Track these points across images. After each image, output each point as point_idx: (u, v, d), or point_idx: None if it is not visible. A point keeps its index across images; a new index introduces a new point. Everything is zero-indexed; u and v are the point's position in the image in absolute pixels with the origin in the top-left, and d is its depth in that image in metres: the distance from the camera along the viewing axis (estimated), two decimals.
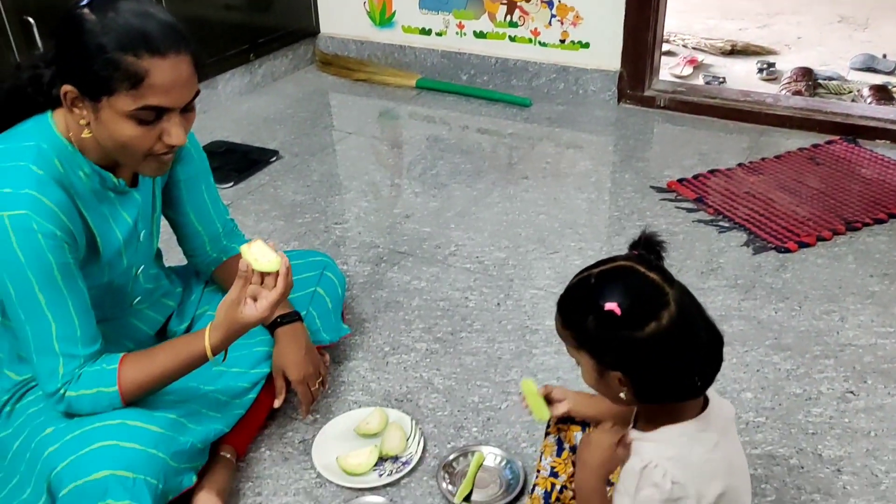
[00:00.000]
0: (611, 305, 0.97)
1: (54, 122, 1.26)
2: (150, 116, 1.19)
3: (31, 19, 2.40)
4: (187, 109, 1.24)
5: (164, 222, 1.56)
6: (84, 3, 1.17)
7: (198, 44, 1.23)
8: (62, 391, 1.25)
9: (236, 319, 1.26)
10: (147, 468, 1.23)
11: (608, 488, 1.09)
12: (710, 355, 1.03)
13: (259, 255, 1.24)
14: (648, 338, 0.97)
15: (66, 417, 1.28)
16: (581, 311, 1.01)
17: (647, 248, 1.05)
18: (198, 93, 1.24)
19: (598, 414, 1.26)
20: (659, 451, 1.02)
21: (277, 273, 1.26)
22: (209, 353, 1.29)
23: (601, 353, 1.01)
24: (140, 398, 1.31)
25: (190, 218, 1.57)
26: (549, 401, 1.30)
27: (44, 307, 1.22)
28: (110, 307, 1.43)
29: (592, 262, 1.08)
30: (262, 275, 1.26)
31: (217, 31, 3.17)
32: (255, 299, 1.26)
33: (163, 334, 1.60)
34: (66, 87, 1.19)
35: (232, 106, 3.31)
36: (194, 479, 1.34)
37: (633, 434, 1.07)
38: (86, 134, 1.23)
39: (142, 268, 1.47)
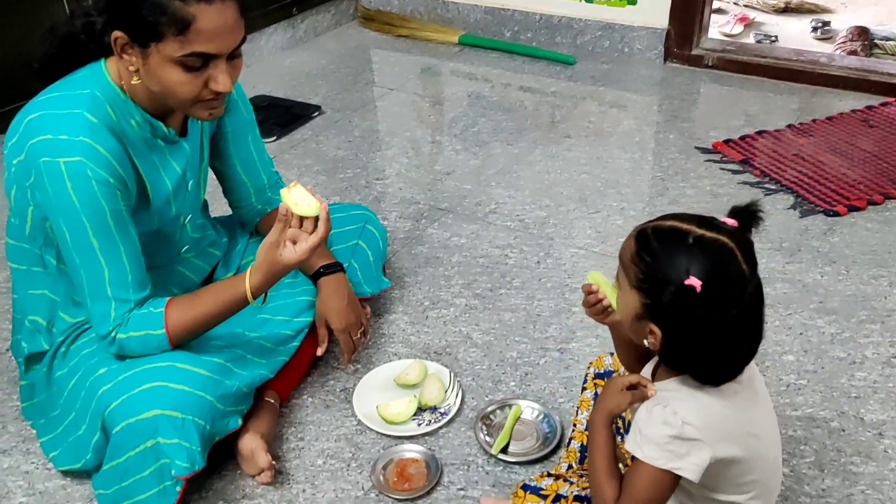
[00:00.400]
0: (695, 282, 0.93)
1: (107, 71, 1.28)
2: (197, 63, 1.20)
3: None
4: (234, 56, 1.25)
5: (210, 174, 1.59)
6: None
7: None
8: (113, 334, 1.29)
9: (275, 261, 1.28)
10: (195, 409, 1.27)
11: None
12: (746, 353, 1.01)
13: (299, 199, 1.25)
14: (707, 318, 0.95)
15: (118, 359, 1.32)
16: (662, 264, 0.97)
17: (746, 218, 1.00)
18: (244, 40, 1.25)
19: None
20: (676, 395, 1.02)
21: (317, 218, 1.27)
22: (249, 295, 1.31)
23: (656, 306, 0.98)
24: (186, 340, 1.34)
25: (236, 169, 1.59)
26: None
27: (97, 252, 1.25)
28: (159, 255, 1.46)
29: (634, 222, 1.05)
30: (301, 219, 1.27)
31: None
32: (294, 242, 1.28)
33: (209, 283, 1.63)
34: (117, 34, 1.21)
35: (275, 61, 3.31)
36: (240, 421, 1.38)
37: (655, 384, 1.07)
38: (135, 80, 1.25)
39: (189, 217, 1.50)
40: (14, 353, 1.54)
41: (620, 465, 1.13)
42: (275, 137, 2.66)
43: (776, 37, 3.50)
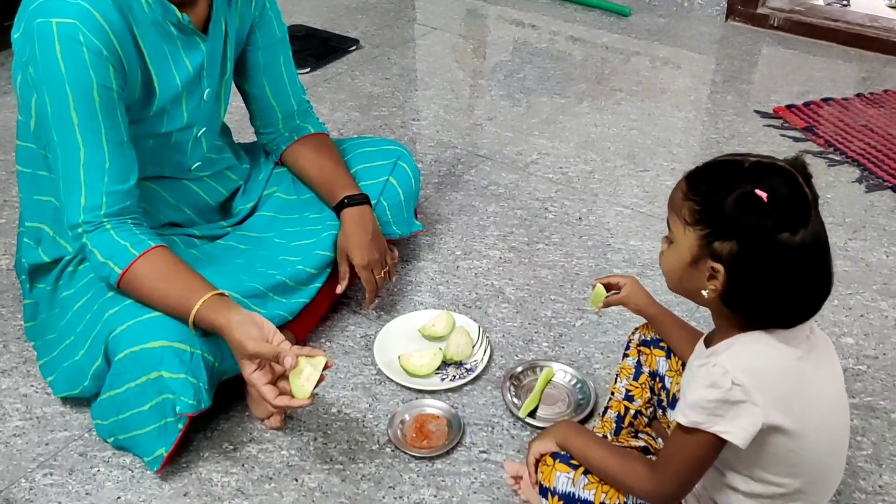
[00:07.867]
0: (761, 192, 0.89)
1: None
2: None
3: None
4: None
5: (238, 100, 1.47)
6: None
7: None
8: (80, 230, 1.18)
9: (236, 340, 1.13)
10: (205, 344, 1.19)
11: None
12: (814, 297, 0.94)
13: (305, 382, 1.14)
14: (773, 244, 0.89)
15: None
16: (722, 186, 0.92)
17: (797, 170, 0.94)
18: None
19: (649, 307, 1.23)
20: (729, 356, 0.94)
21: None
22: (191, 319, 1.16)
23: (718, 233, 0.92)
24: (130, 297, 1.20)
25: (265, 90, 1.48)
26: (608, 287, 1.26)
27: (75, 129, 1.15)
28: (168, 165, 1.37)
29: None
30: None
31: None
32: (261, 367, 1.16)
33: (227, 209, 1.53)
34: None
35: None
36: None
37: (707, 350, 0.99)
38: None
39: (203, 130, 1.39)
40: (17, 271, 1.45)
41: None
42: (309, 69, 2.53)
43: (848, 1, 3.28)
